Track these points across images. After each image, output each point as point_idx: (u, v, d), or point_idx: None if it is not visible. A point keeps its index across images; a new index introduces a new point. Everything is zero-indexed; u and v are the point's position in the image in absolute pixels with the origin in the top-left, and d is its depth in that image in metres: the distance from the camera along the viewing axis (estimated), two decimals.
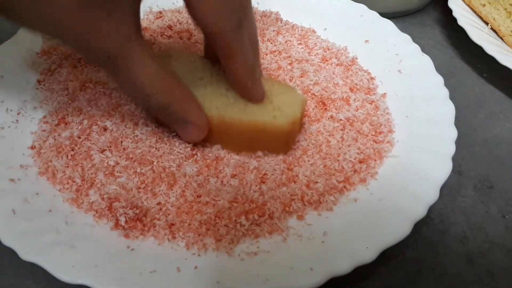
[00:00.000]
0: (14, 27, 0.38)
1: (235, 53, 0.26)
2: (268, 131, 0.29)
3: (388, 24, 0.42)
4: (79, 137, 0.31)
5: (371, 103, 0.36)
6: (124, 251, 0.25)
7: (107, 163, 0.29)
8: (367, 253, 0.25)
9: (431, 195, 0.28)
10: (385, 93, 0.37)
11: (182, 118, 0.28)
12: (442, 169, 0.29)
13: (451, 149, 0.31)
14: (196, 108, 0.29)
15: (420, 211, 0.27)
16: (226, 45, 0.25)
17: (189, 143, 0.31)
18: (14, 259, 0.24)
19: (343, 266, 0.24)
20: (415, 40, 0.45)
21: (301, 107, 0.30)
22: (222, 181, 0.29)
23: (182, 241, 0.26)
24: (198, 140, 0.30)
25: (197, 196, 0.28)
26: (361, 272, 0.28)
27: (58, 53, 0.37)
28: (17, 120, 0.32)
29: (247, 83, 0.28)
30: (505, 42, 0.45)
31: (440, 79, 0.36)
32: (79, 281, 0.23)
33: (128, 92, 0.28)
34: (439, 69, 0.43)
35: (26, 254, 0.24)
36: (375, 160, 0.31)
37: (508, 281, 0.28)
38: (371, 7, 0.44)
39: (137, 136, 0.31)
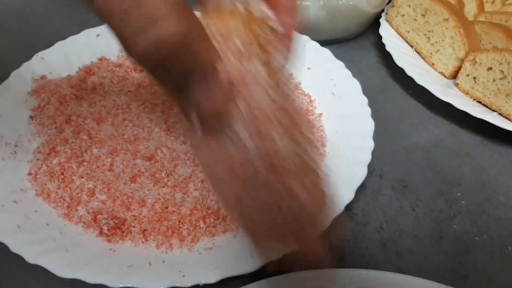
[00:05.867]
0: (5, 72, 0.44)
1: None
2: None
3: (326, 51, 0.50)
4: (66, 163, 0.38)
5: None
6: (107, 252, 0.32)
7: (87, 186, 0.36)
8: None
9: (348, 195, 0.36)
10: (321, 113, 0.45)
11: (204, 60, 0.20)
12: (359, 174, 0.37)
13: (368, 158, 0.39)
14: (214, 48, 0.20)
15: (338, 209, 0.35)
16: None
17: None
18: (21, 263, 0.31)
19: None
20: (353, 62, 0.54)
21: None
22: (185, 194, 0.37)
23: (153, 243, 0.34)
24: (226, 101, 0.21)
25: (165, 208, 0.36)
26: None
27: (46, 91, 0.44)
28: (15, 152, 0.39)
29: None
30: (426, 62, 0.54)
31: (364, 100, 0.44)
32: (73, 276, 0.30)
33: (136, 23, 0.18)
34: (372, 88, 0.51)
35: (31, 258, 0.31)
36: None
37: (411, 260, 0.36)
38: (314, 35, 0.52)
39: (116, 165, 0.38)
